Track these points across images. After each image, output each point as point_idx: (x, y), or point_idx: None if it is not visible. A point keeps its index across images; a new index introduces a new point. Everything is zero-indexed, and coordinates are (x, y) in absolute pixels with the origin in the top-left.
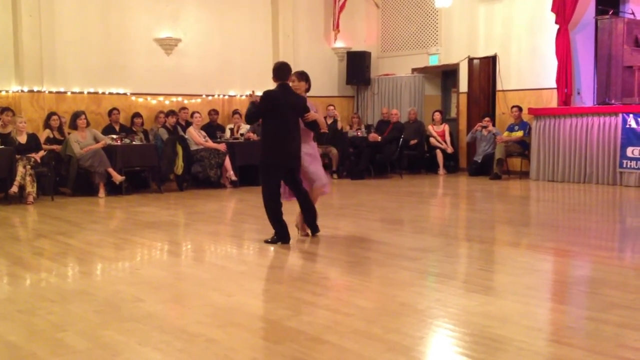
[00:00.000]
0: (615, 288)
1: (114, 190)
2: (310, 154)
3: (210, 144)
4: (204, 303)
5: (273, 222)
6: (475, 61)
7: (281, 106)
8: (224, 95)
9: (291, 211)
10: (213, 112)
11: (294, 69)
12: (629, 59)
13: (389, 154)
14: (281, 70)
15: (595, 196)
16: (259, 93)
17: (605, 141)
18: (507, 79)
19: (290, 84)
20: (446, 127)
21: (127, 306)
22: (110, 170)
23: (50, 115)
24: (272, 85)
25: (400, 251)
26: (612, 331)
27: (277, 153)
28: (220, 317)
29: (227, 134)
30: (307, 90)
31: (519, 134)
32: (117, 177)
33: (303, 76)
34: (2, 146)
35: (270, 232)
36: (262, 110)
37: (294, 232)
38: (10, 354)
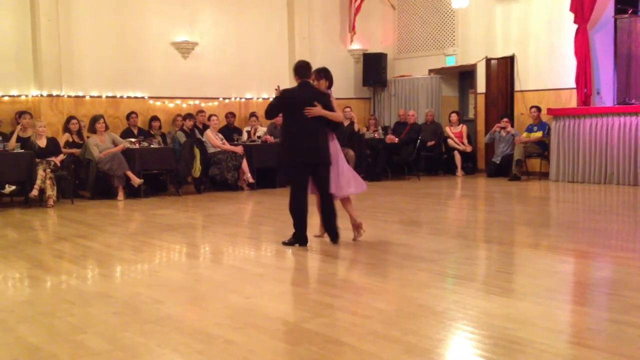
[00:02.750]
0: (636, 290)
1: (132, 193)
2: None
3: (228, 146)
4: (222, 305)
5: (295, 222)
6: (492, 61)
7: (298, 104)
8: (240, 98)
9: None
10: (230, 115)
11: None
12: None
13: (406, 155)
14: (302, 68)
15: (616, 197)
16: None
17: (626, 141)
18: (526, 79)
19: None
20: (464, 128)
21: (146, 308)
22: (129, 173)
23: (70, 119)
24: (286, 87)
25: (418, 253)
26: (634, 333)
27: (295, 151)
28: (238, 318)
29: (244, 136)
30: (329, 87)
31: (538, 134)
32: (136, 180)
33: (321, 74)
34: (22, 150)
35: (287, 233)
36: (279, 108)
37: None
38: (31, 356)
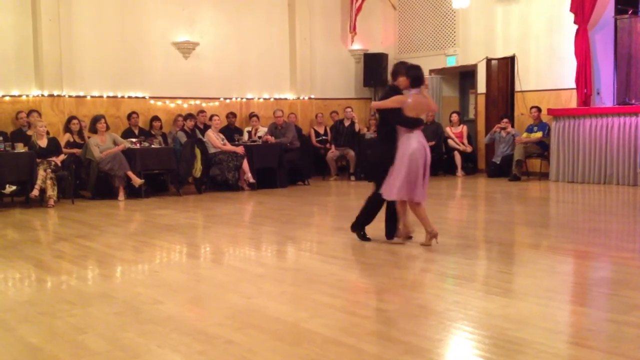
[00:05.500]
0: (636, 290)
1: (133, 193)
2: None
3: (229, 147)
4: (222, 305)
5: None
6: (493, 62)
7: None
8: (241, 98)
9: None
10: (231, 115)
11: (310, 71)
12: None
13: None
14: (392, 73)
15: (616, 197)
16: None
17: (626, 141)
18: (526, 79)
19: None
20: (464, 128)
21: (146, 308)
22: (130, 173)
23: (70, 119)
24: (286, 87)
25: (418, 253)
26: (634, 333)
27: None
28: (238, 319)
29: (245, 136)
30: (411, 85)
31: (538, 134)
32: (137, 181)
33: (396, 72)
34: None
35: (288, 234)
36: None
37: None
38: (31, 356)
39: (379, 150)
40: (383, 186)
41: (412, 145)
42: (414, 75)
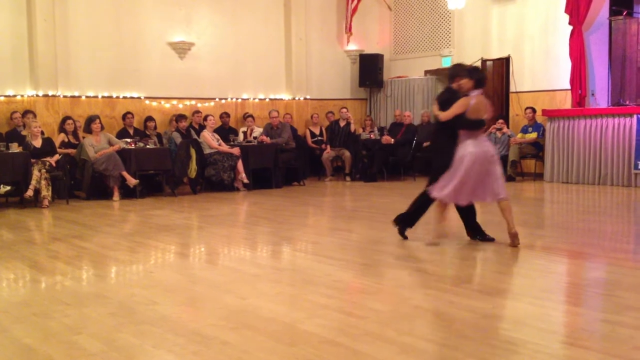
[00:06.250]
0: (630, 290)
1: (128, 193)
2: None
3: (224, 148)
4: (217, 306)
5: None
6: (488, 63)
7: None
8: (236, 99)
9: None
10: (224, 115)
11: (306, 71)
12: None
13: (402, 156)
14: (448, 76)
15: (610, 198)
16: None
17: (620, 142)
18: (521, 80)
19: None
20: None
21: (141, 309)
22: (125, 173)
23: (65, 119)
24: (282, 88)
25: (413, 253)
26: (628, 333)
27: None
28: (234, 319)
29: (240, 137)
30: (475, 87)
31: (533, 135)
32: (131, 181)
33: (460, 73)
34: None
35: (283, 234)
36: None
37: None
38: (26, 357)
39: (444, 157)
40: (434, 184)
41: (469, 149)
42: (479, 77)
